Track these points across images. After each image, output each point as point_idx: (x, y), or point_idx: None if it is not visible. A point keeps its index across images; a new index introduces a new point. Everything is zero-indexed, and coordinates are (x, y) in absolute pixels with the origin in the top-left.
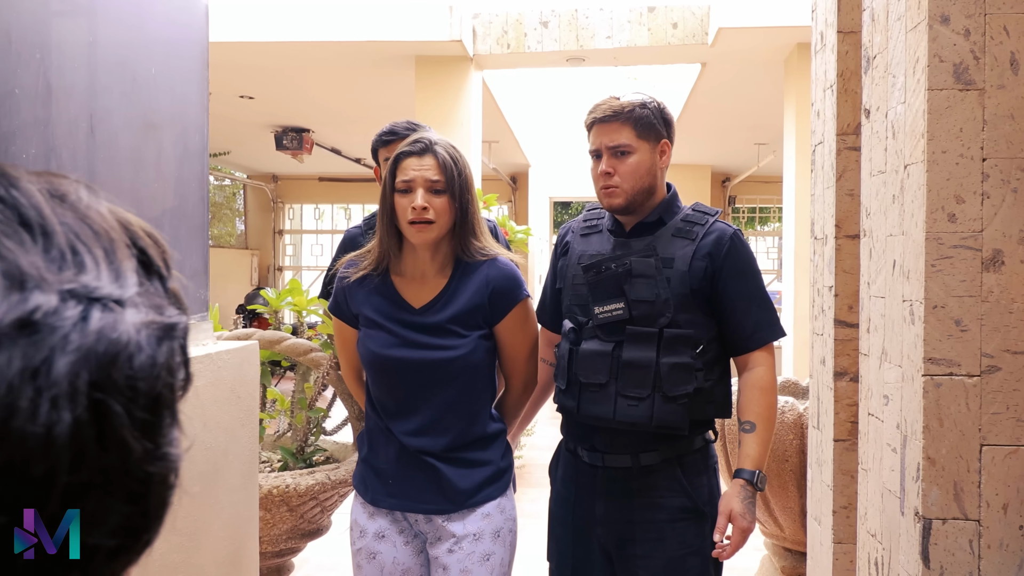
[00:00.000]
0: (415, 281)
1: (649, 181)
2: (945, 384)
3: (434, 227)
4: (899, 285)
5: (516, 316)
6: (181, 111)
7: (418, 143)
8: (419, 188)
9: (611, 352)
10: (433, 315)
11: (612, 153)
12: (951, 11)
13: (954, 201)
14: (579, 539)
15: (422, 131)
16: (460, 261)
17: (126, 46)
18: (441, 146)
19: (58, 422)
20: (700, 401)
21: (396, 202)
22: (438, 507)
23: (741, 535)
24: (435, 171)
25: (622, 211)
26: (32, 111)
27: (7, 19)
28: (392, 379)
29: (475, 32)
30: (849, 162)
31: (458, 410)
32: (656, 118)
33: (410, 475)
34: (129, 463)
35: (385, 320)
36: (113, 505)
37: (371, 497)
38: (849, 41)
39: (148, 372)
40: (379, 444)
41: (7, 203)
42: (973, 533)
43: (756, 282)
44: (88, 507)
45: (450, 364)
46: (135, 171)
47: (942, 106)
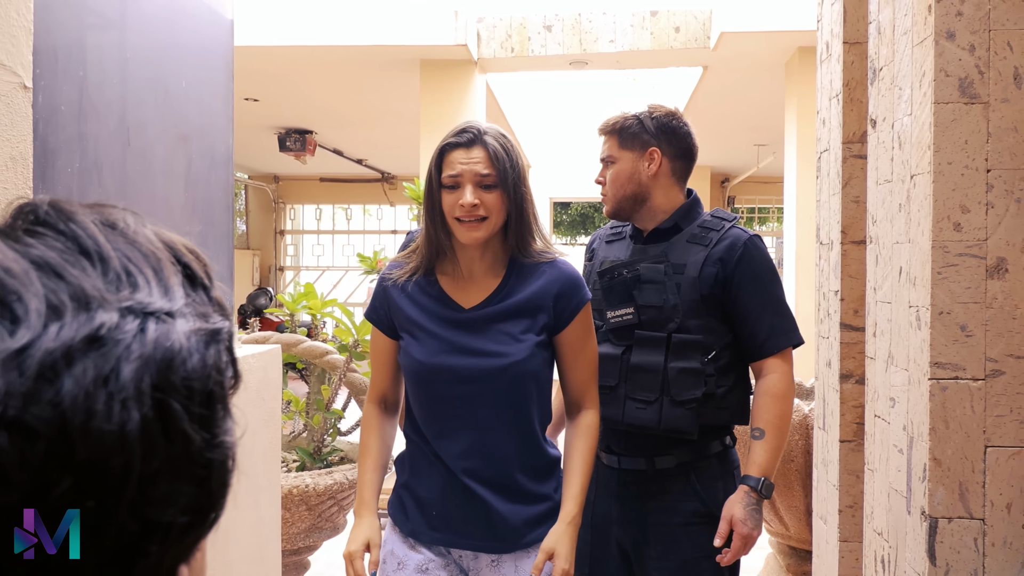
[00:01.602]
0: (463, 281)
1: (632, 188)
2: (951, 387)
3: (486, 224)
4: (905, 291)
5: (583, 321)
6: (209, 122)
7: (465, 133)
8: (468, 183)
9: (621, 356)
10: (484, 314)
11: (604, 164)
12: (957, 27)
13: (959, 211)
14: (597, 538)
15: (471, 121)
16: (515, 261)
17: (158, 61)
18: (491, 135)
19: (128, 420)
20: (711, 406)
21: (443, 199)
22: (487, 544)
23: (741, 541)
24: (485, 164)
25: (613, 216)
26: (76, 126)
27: (54, 38)
28: (438, 391)
29: (479, 36)
30: (855, 170)
31: (511, 429)
32: (645, 128)
33: (456, 506)
34: (191, 452)
35: (430, 322)
36: (181, 488)
37: (411, 529)
38: (855, 52)
39: (200, 373)
40: (422, 469)
41: (67, 235)
42: (978, 532)
43: (772, 288)
44: (160, 491)
45: (503, 372)
46: (167, 181)
47: (948, 119)
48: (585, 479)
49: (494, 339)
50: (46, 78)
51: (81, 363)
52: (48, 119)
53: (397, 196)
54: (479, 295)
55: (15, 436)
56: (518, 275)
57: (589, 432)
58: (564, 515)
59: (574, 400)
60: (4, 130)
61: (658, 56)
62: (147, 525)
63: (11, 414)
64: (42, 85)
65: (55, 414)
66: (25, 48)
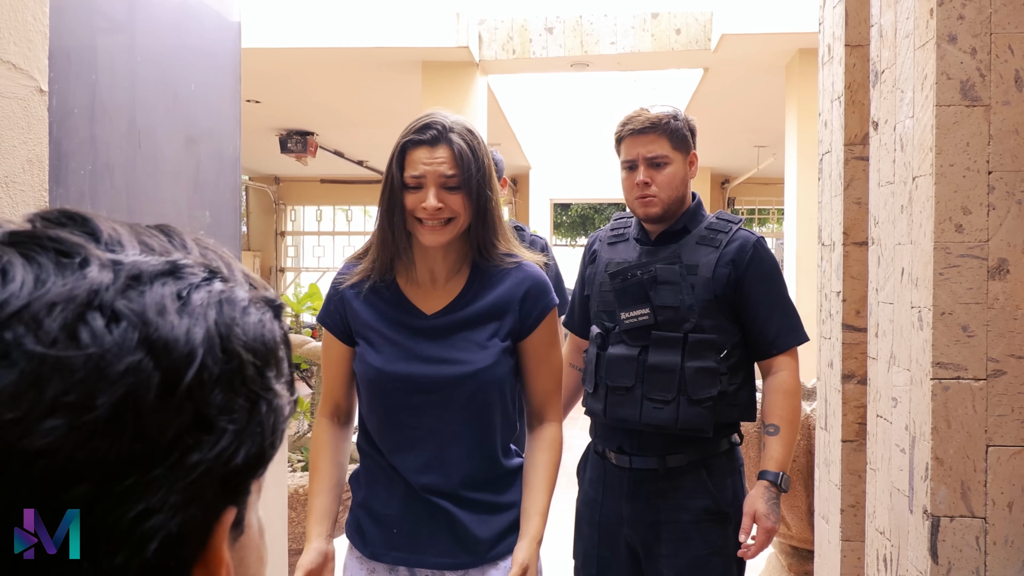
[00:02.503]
0: (424, 286)
1: (682, 191)
2: (953, 387)
3: (450, 227)
4: (907, 292)
5: (548, 327)
6: (217, 124)
7: (429, 129)
8: (431, 185)
9: (637, 356)
10: (448, 321)
11: (649, 164)
12: (958, 31)
13: (961, 212)
14: (605, 539)
15: (434, 114)
16: (478, 265)
17: (167, 64)
18: (456, 133)
19: (194, 328)
20: (724, 404)
21: (405, 198)
22: (453, 560)
23: (766, 535)
24: (450, 164)
25: (657, 220)
26: (89, 129)
27: (67, 42)
28: (396, 401)
29: (481, 38)
30: (856, 171)
31: (475, 440)
32: (687, 130)
33: (418, 522)
34: (246, 377)
35: (389, 329)
36: (236, 402)
37: (370, 551)
38: (856, 54)
39: (256, 330)
40: (379, 486)
41: (172, 238)
42: (980, 530)
43: (779, 288)
44: (217, 399)
45: (466, 381)
46: (176, 184)
47: (950, 121)
48: (550, 496)
49: (458, 346)
50: (59, 81)
51: (162, 281)
52: (62, 122)
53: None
54: (441, 300)
55: (106, 316)
56: (482, 279)
57: (553, 446)
58: (533, 533)
59: (536, 411)
60: (21, 133)
61: (659, 58)
62: (201, 420)
63: (106, 299)
64: (56, 88)
65: (139, 307)
66: (41, 52)
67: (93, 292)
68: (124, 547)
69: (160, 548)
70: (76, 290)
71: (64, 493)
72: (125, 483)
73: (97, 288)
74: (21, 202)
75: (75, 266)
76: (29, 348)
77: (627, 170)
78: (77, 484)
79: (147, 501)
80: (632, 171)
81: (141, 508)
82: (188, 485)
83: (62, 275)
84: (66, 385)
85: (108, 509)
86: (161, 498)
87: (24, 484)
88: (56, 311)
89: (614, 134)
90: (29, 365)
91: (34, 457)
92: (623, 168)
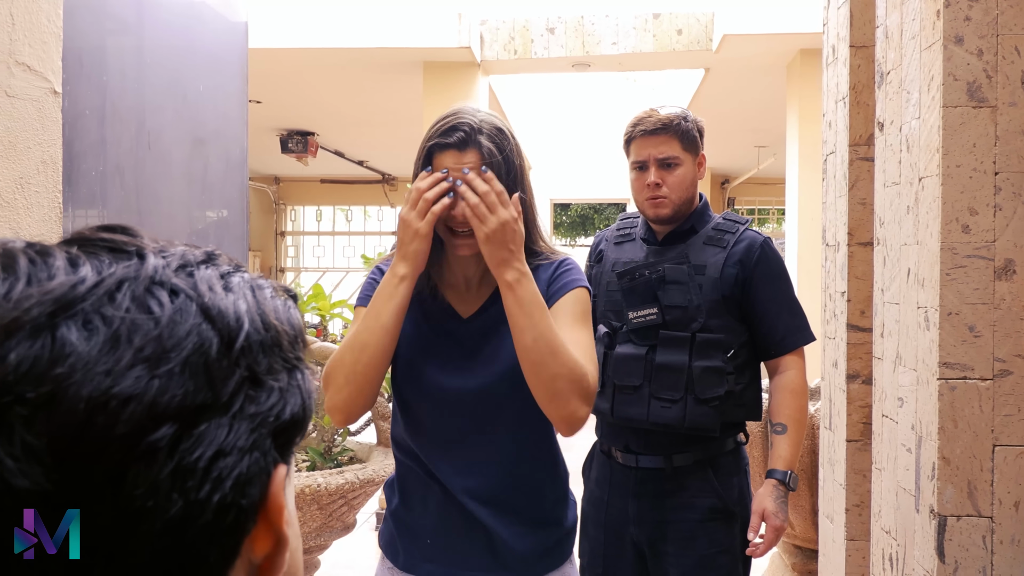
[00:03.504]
0: (456, 289)
1: (692, 192)
2: (959, 387)
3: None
4: (914, 292)
5: (575, 302)
6: (224, 125)
7: (456, 131)
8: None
9: (645, 356)
10: (483, 322)
11: (660, 165)
12: (965, 32)
13: (968, 213)
14: (611, 538)
15: (461, 112)
16: None
17: (176, 66)
18: (486, 135)
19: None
20: (731, 404)
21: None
22: (490, 575)
23: (775, 533)
24: (480, 170)
25: (667, 221)
26: (100, 131)
27: (78, 44)
28: (437, 403)
29: (483, 38)
30: (861, 172)
31: (520, 442)
32: (696, 131)
33: (454, 533)
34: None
35: (427, 331)
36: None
37: (403, 562)
38: (861, 55)
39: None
40: (414, 494)
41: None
42: (986, 529)
43: (786, 288)
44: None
45: (502, 383)
46: (186, 184)
47: (956, 122)
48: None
49: (493, 348)
50: (71, 83)
51: (205, 266)
52: (74, 123)
53: (398, 197)
54: (476, 301)
55: (166, 290)
56: None
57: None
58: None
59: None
60: (35, 134)
61: (660, 58)
62: (254, 377)
63: (165, 278)
64: (68, 90)
65: (192, 285)
66: (55, 54)
67: (153, 273)
68: (206, 482)
69: (235, 486)
70: (139, 272)
71: (153, 433)
72: (200, 426)
73: (155, 270)
74: (36, 203)
75: (132, 255)
76: (108, 314)
77: (637, 171)
78: (162, 424)
79: (220, 444)
80: (642, 172)
81: (216, 449)
82: (250, 432)
83: (122, 264)
84: (143, 342)
85: (189, 449)
86: (231, 442)
87: (121, 424)
88: (125, 287)
89: (623, 134)
90: (109, 329)
91: (125, 401)
92: (633, 169)
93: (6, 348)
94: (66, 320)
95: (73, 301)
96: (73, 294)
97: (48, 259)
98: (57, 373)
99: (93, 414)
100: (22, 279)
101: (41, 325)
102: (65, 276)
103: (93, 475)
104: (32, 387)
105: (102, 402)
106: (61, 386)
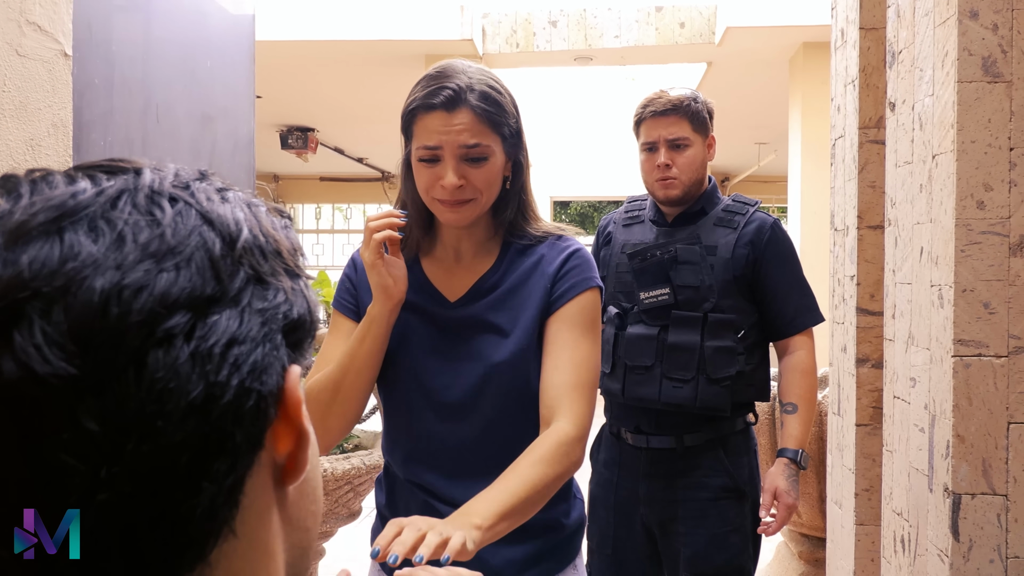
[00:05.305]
0: (449, 265)
1: (702, 173)
2: (974, 364)
3: (475, 204)
4: (927, 271)
5: (584, 308)
6: (233, 104)
7: (444, 91)
8: (450, 158)
9: (656, 336)
10: (475, 308)
11: (670, 146)
12: (980, 7)
13: (983, 189)
14: (621, 520)
15: (449, 67)
16: (508, 242)
17: (186, 42)
18: (477, 94)
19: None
20: (741, 384)
21: (417, 173)
22: None
23: (787, 511)
24: (471, 132)
25: (677, 202)
26: (108, 101)
27: (87, 12)
28: (420, 402)
29: (485, 31)
30: (871, 155)
31: (504, 446)
32: (706, 112)
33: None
34: (283, 257)
35: (413, 318)
36: (278, 266)
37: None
38: (871, 37)
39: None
40: (400, 494)
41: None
42: (1001, 507)
43: (796, 269)
44: (264, 267)
45: (492, 378)
46: (194, 160)
47: (971, 98)
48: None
49: (481, 337)
50: (80, 49)
51: (199, 181)
52: (82, 92)
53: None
54: (466, 281)
55: (166, 198)
56: (514, 254)
57: (557, 446)
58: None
59: (547, 409)
60: (46, 96)
61: (663, 52)
62: (258, 277)
63: (164, 189)
64: (77, 57)
65: (190, 195)
66: (66, 16)
67: (151, 183)
68: (223, 366)
69: (252, 372)
70: (138, 184)
71: (167, 321)
72: (212, 316)
73: (153, 181)
74: (46, 166)
75: (130, 172)
76: (112, 218)
77: (647, 152)
78: (175, 313)
79: (232, 333)
80: (652, 153)
81: (230, 337)
82: (261, 324)
83: (120, 179)
84: (147, 240)
85: (204, 336)
86: (243, 332)
87: (135, 313)
88: (125, 196)
89: (633, 116)
90: (114, 231)
91: (137, 291)
92: (643, 150)
93: (17, 251)
94: (72, 224)
95: (76, 208)
96: (75, 202)
97: (49, 177)
98: (69, 268)
99: (107, 304)
100: (25, 195)
101: (48, 230)
102: (66, 188)
103: (116, 359)
104: (46, 282)
105: (115, 292)
106: (74, 280)
